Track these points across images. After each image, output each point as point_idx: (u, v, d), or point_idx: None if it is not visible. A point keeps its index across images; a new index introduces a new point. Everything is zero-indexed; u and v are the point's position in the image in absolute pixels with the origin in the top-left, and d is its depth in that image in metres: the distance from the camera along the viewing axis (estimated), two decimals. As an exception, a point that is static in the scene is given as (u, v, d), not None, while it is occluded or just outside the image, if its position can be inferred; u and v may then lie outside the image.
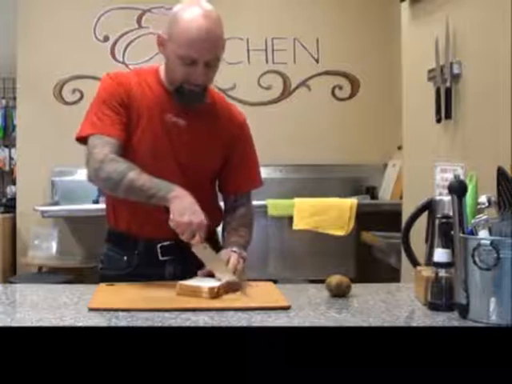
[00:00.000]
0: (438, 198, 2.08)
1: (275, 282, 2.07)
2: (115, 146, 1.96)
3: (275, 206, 4.43)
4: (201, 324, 1.55)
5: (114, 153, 1.94)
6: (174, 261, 2.05)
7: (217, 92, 2.19)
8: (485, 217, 1.60)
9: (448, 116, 2.70)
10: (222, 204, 2.22)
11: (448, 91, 2.69)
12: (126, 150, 2.00)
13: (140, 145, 2.02)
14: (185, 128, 2.04)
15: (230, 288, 1.85)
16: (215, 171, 2.15)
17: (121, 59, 5.03)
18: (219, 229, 2.20)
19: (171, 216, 1.84)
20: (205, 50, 1.92)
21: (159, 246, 2.05)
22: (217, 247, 2.10)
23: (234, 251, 1.98)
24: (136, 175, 1.91)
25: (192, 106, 2.03)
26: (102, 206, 2.27)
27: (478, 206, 1.68)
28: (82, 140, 2.01)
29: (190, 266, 1.94)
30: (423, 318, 1.65)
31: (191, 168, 2.06)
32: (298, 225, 4.38)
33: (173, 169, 2.03)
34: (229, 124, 2.13)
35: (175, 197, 1.86)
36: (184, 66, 1.94)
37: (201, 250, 1.89)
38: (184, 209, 1.84)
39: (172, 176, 2.00)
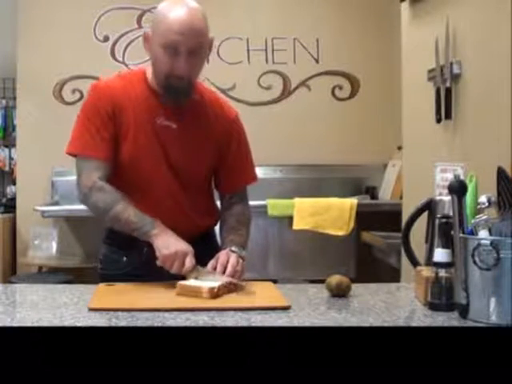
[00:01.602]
0: (438, 197, 2.08)
1: (275, 282, 2.07)
2: (102, 169, 2.00)
3: (275, 206, 4.43)
4: (201, 324, 1.55)
5: (102, 177, 1.99)
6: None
7: (207, 88, 2.18)
8: (485, 217, 1.60)
9: (448, 116, 2.70)
10: (218, 202, 2.21)
11: (448, 91, 2.69)
12: (117, 158, 2.01)
13: (131, 151, 2.02)
14: (176, 131, 2.03)
15: (230, 288, 1.85)
16: (209, 170, 2.14)
17: (121, 59, 5.03)
18: (216, 227, 2.20)
19: (157, 253, 1.89)
20: (186, 37, 1.91)
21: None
22: (215, 246, 2.10)
23: (233, 251, 1.97)
24: (122, 208, 1.96)
25: (179, 102, 2.02)
26: (101, 206, 2.26)
27: (478, 206, 1.68)
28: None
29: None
30: (423, 318, 1.65)
31: (184, 170, 2.06)
32: (298, 225, 4.38)
33: (165, 172, 2.04)
34: (221, 122, 2.12)
35: (157, 234, 1.92)
36: (167, 57, 1.93)
37: (196, 274, 1.89)
38: (167, 242, 1.90)
39: (164, 179, 2.01)
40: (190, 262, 1.88)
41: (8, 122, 5.31)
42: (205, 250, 2.01)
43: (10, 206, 5.04)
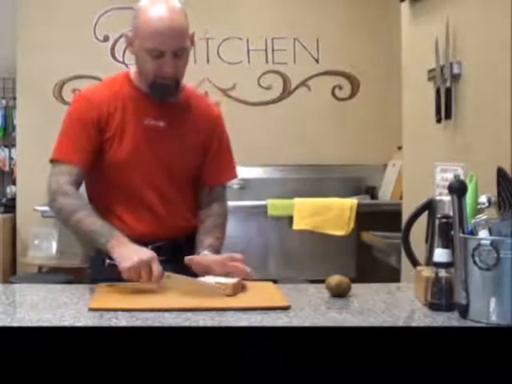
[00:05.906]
0: (438, 197, 2.08)
1: (275, 282, 2.07)
2: (73, 174, 1.99)
3: (275, 206, 4.43)
4: (201, 324, 1.55)
5: (71, 183, 1.98)
6: (166, 261, 2.03)
7: (189, 87, 2.20)
8: (485, 217, 1.60)
9: (448, 116, 2.70)
10: None
11: (448, 91, 2.69)
12: (106, 163, 2.01)
13: (122, 155, 2.02)
14: (165, 130, 2.05)
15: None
16: (198, 168, 2.15)
17: (121, 59, 5.03)
18: None
19: (119, 267, 1.83)
20: (170, 40, 1.93)
21: (150, 247, 2.02)
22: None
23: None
24: (83, 216, 1.93)
25: (165, 100, 2.04)
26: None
27: (478, 206, 1.68)
28: None
29: (181, 267, 1.94)
30: (423, 318, 1.65)
31: (176, 168, 2.08)
32: (298, 225, 4.38)
33: (159, 172, 2.05)
34: (206, 118, 2.15)
35: (114, 246, 1.87)
36: (153, 60, 1.95)
37: (168, 282, 1.84)
38: (126, 253, 1.84)
39: (159, 180, 2.04)
40: (157, 268, 1.81)
41: (8, 122, 5.31)
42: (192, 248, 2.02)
43: (10, 206, 5.04)
